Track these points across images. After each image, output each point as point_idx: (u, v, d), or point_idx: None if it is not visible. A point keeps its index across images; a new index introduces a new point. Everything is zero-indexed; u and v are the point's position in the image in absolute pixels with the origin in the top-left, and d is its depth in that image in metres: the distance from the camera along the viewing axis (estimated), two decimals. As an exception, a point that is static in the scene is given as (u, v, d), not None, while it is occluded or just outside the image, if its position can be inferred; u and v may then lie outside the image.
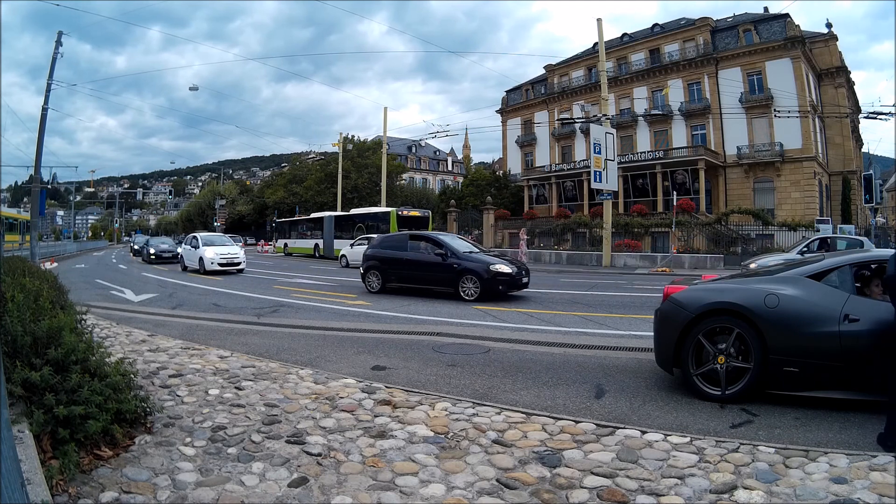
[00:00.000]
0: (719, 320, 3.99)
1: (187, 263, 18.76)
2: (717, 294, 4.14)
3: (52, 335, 2.88)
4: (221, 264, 17.25)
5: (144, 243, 29.35)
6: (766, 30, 33.33)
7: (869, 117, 24.19)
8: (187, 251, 19.07)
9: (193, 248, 18.45)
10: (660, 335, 4.42)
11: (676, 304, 4.24)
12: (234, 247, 19.02)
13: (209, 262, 17.04)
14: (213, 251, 17.41)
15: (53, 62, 18.80)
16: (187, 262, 18.78)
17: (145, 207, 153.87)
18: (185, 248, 19.40)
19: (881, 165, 43.00)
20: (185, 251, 19.43)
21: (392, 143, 42.21)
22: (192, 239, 19.69)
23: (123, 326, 7.03)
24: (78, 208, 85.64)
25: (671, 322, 4.20)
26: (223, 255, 17.46)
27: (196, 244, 18.44)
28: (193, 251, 18.30)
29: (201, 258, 17.38)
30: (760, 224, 24.68)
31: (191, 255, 18.51)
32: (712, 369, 3.98)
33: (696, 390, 4.04)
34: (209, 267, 17.00)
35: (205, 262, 17.08)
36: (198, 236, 19.30)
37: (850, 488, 2.47)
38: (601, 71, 23.90)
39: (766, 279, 4.18)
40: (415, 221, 25.87)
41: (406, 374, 4.87)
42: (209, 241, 18.86)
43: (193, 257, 18.16)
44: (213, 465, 2.73)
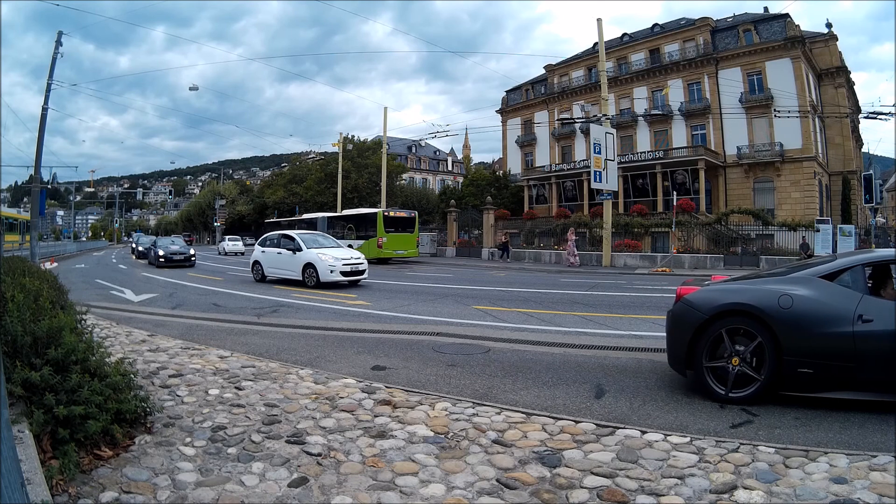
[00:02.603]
0: (733, 321, 3.95)
1: (272, 271, 14.05)
2: (731, 295, 4.10)
3: (52, 335, 2.88)
4: (346, 273, 12.59)
5: (151, 244, 25.60)
6: (766, 30, 33.32)
7: (869, 117, 24.21)
8: (273, 256, 14.12)
9: (290, 251, 13.49)
10: (673, 336, 4.37)
11: (689, 305, 4.19)
12: (345, 248, 14.45)
13: (327, 270, 12.39)
14: (330, 256, 12.76)
15: (53, 62, 18.82)
16: (273, 270, 14.02)
17: (145, 207, 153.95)
18: (269, 252, 14.31)
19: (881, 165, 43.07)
20: (267, 257, 14.32)
21: (392, 143, 42.23)
22: (280, 239, 14.44)
23: (123, 326, 7.03)
24: (78, 208, 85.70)
25: (684, 323, 4.16)
26: (346, 261, 12.79)
27: (294, 245, 13.46)
28: (290, 256, 13.41)
29: (310, 266, 12.71)
30: (760, 224, 24.66)
31: (282, 261, 13.71)
32: (723, 369, 3.95)
33: (709, 391, 3.99)
34: (327, 278, 12.36)
35: (319, 272, 12.45)
36: (294, 235, 14.07)
37: (850, 488, 2.47)
38: (601, 71, 23.92)
39: (779, 280, 4.14)
40: (401, 221, 26.20)
41: (406, 374, 4.87)
42: (314, 240, 13.94)
43: (290, 265, 13.38)
44: (213, 465, 2.73)
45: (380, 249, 24.63)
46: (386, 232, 25.04)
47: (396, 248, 25.34)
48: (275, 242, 14.47)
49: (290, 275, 13.34)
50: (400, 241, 25.68)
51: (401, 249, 25.59)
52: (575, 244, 23.65)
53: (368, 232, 25.85)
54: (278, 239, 14.51)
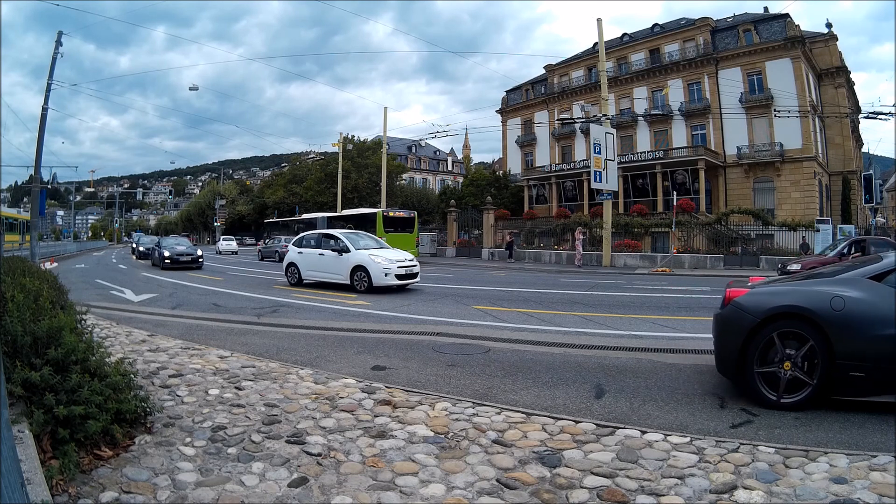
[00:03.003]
0: (785, 324, 3.84)
1: (312, 274, 12.86)
2: (783, 297, 3.99)
3: (52, 335, 2.88)
4: (401, 276, 11.52)
5: (155, 244, 23.76)
6: (766, 30, 33.33)
7: (869, 117, 24.21)
8: (312, 258, 12.82)
9: (336, 252, 12.24)
10: (722, 341, 4.21)
11: (740, 308, 4.04)
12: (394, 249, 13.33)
13: (381, 273, 11.25)
14: (383, 257, 11.65)
15: (53, 62, 18.83)
16: (313, 273, 12.81)
17: (145, 207, 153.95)
18: (308, 254, 13.03)
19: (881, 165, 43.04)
20: (305, 258, 13.05)
21: (392, 143, 42.24)
22: (321, 238, 13.25)
23: (123, 326, 7.03)
24: (78, 208, 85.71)
25: (735, 327, 4.01)
26: (401, 263, 11.69)
27: (340, 246, 12.25)
28: (335, 258, 12.16)
29: (361, 268, 11.54)
30: (760, 224, 24.68)
31: (325, 263, 12.42)
32: (774, 374, 3.82)
33: (760, 397, 3.86)
34: (381, 282, 11.24)
35: (372, 275, 11.28)
36: (339, 235, 12.84)
37: (850, 488, 2.47)
38: (601, 71, 23.93)
39: (828, 281, 4.05)
40: (401, 221, 26.30)
41: (406, 374, 4.87)
42: (361, 240, 12.78)
43: (335, 267, 12.11)
44: (213, 465, 2.73)
45: None
46: (385, 232, 25.09)
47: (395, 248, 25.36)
48: (314, 242, 13.24)
49: (334, 278, 12.17)
50: (399, 241, 25.67)
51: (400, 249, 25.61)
52: (582, 244, 23.69)
53: (368, 232, 25.88)
54: (318, 238, 13.35)
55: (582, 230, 24.76)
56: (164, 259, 19.62)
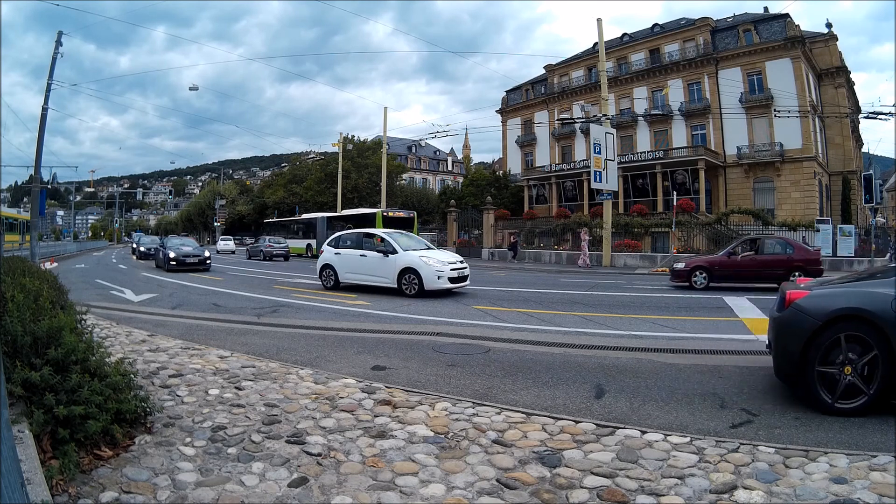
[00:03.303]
0: (847, 327, 3.71)
1: (351, 277, 12.05)
2: (844, 299, 3.85)
3: (52, 335, 2.88)
4: (454, 279, 10.94)
5: (159, 244, 22.47)
6: (766, 30, 33.34)
7: (869, 117, 24.23)
8: (353, 259, 12.00)
9: (380, 253, 11.51)
10: (782, 344, 4.05)
11: (801, 310, 3.88)
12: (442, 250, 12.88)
13: (433, 276, 10.63)
14: (435, 259, 11.04)
15: (53, 62, 18.83)
16: (352, 276, 12.02)
17: (145, 207, 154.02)
18: (347, 255, 12.23)
19: (881, 165, 43.05)
20: (343, 259, 12.23)
21: (392, 143, 42.27)
22: (362, 238, 12.50)
23: (123, 326, 7.03)
24: (78, 208, 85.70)
25: (796, 330, 3.86)
26: (453, 266, 11.09)
27: (385, 247, 11.51)
28: (380, 259, 11.43)
29: (410, 271, 10.84)
30: (760, 224, 24.69)
31: (368, 265, 11.67)
32: (832, 377, 3.70)
33: (817, 401, 3.74)
34: (433, 285, 10.64)
35: (424, 278, 10.64)
36: (383, 235, 12.02)
37: (850, 488, 2.47)
38: (601, 71, 23.93)
39: (886, 283, 3.89)
40: (400, 221, 26.36)
41: (406, 374, 4.87)
42: (407, 241, 12.07)
43: (380, 269, 11.43)
44: (213, 465, 2.73)
45: None
46: None
47: None
48: (354, 242, 12.49)
49: (378, 281, 11.47)
50: None
51: None
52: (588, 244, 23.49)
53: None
54: (358, 238, 12.59)
55: (587, 230, 24.54)
56: (170, 260, 18.63)
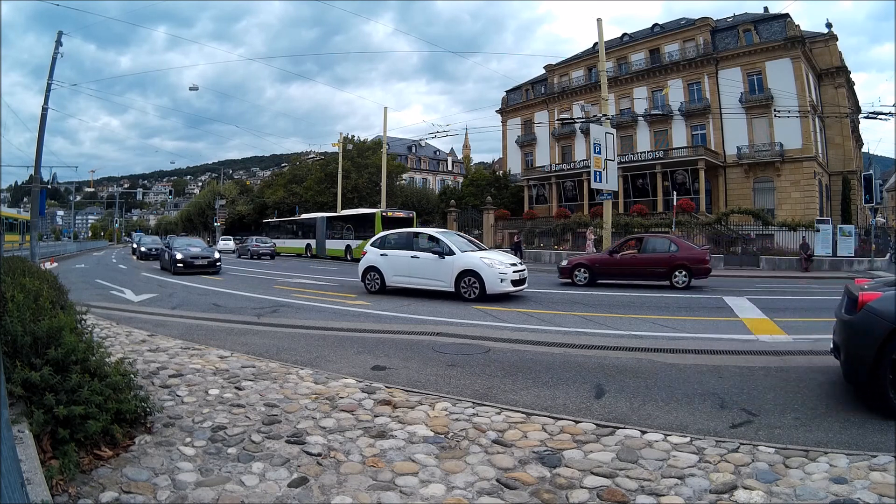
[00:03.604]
0: None
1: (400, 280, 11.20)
2: None
3: (52, 335, 2.88)
4: (516, 282, 10.40)
5: (165, 245, 20.98)
6: (766, 30, 33.35)
7: (869, 117, 24.24)
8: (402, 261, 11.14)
9: (435, 254, 10.71)
10: (852, 349, 3.92)
11: (874, 313, 3.74)
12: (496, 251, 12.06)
13: (496, 279, 10.01)
14: (496, 261, 10.40)
15: (53, 62, 18.80)
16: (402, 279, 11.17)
17: (145, 207, 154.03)
18: (394, 256, 11.34)
19: (881, 165, 43.04)
20: (391, 261, 11.31)
21: (392, 143, 42.23)
22: (411, 238, 11.79)
23: (123, 326, 7.03)
24: (78, 208, 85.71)
25: (868, 334, 3.73)
26: (515, 268, 10.57)
27: (441, 248, 10.73)
28: (435, 261, 10.65)
29: (470, 273, 10.15)
30: (760, 224, 24.70)
31: (421, 267, 10.89)
32: None
33: (889, 406, 3.60)
34: (496, 289, 10.02)
35: (486, 281, 9.98)
36: (437, 235, 11.26)
37: (850, 488, 2.47)
38: (601, 71, 23.87)
39: None
40: (399, 222, 26.43)
41: (406, 374, 4.87)
42: (460, 241, 11.33)
43: (435, 272, 10.67)
44: (213, 465, 2.73)
45: None
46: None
47: None
48: (404, 243, 11.63)
49: (433, 285, 10.69)
50: None
51: None
52: (594, 244, 23.36)
53: (367, 232, 26.01)
54: (408, 239, 11.79)
55: (593, 230, 24.24)
56: (177, 262, 17.31)
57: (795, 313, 8.69)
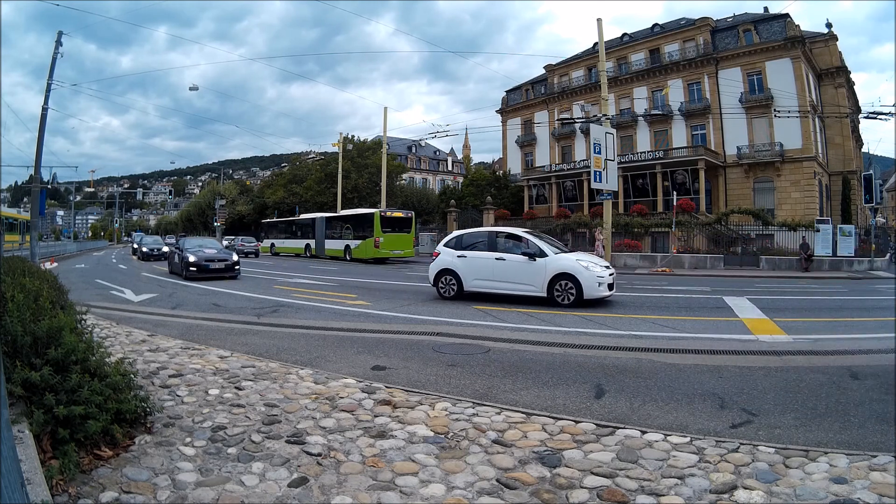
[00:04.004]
0: None
1: (482, 284, 10.18)
2: None
3: (52, 335, 2.88)
4: (611, 286, 9.82)
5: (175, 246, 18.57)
6: (766, 30, 33.34)
7: (869, 117, 24.24)
8: (485, 263, 10.14)
9: (525, 256, 9.82)
10: None
11: None
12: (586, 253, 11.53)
13: (594, 282, 9.35)
14: (591, 263, 9.76)
15: (53, 62, 18.80)
16: (484, 283, 10.16)
17: (145, 207, 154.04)
18: (475, 258, 10.30)
19: (881, 165, 43.06)
20: (471, 264, 10.30)
21: (392, 143, 42.23)
22: (494, 239, 10.61)
23: (123, 326, 7.03)
24: (78, 208, 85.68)
25: None
26: (609, 271, 10.03)
27: (530, 249, 9.90)
28: (524, 264, 9.76)
29: (566, 277, 9.40)
30: (760, 224, 24.70)
31: (507, 270, 9.92)
32: None
33: None
34: (594, 293, 9.34)
35: (584, 285, 9.25)
36: (523, 235, 10.42)
37: (850, 488, 2.47)
38: (601, 71, 23.87)
39: None
40: (398, 222, 26.40)
41: (406, 374, 4.87)
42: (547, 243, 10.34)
43: (523, 276, 9.75)
44: (213, 465, 2.73)
45: (377, 249, 24.84)
46: (383, 232, 25.15)
47: (393, 249, 25.49)
48: (486, 243, 10.49)
49: (520, 289, 9.79)
50: (396, 241, 25.79)
51: (397, 249, 25.72)
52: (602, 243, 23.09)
53: (366, 232, 26.02)
54: (491, 239, 10.61)
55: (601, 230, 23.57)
56: (189, 266, 15.15)
57: (795, 313, 8.69)
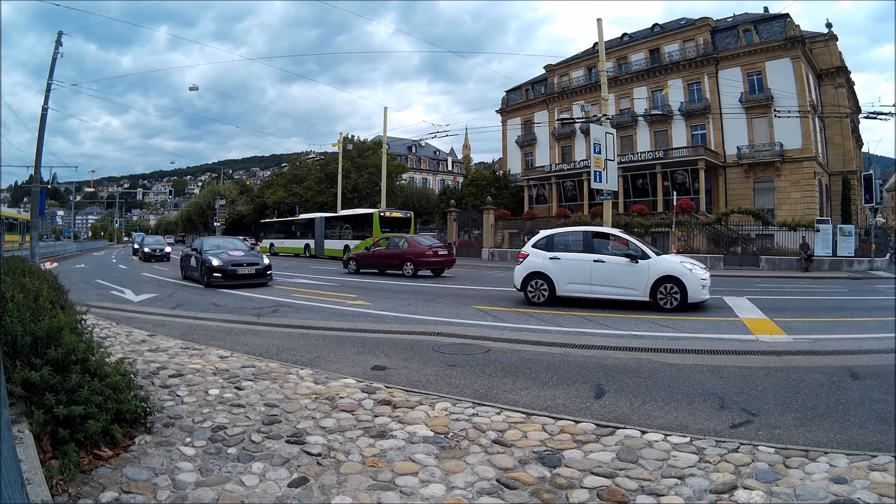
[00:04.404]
0: None
1: (577, 288, 9.44)
2: None
3: (52, 335, 2.88)
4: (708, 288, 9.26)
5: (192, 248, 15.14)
6: (766, 30, 33.34)
7: (869, 117, 24.24)
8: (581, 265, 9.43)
9: (625, 258, 9.20)
10: None
11: None
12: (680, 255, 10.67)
13: (698, 285, 8.91)
14: (695, 264, 9.31)
15: (53, 62, 18.79)
16: (580, 287, 9.42)
17: (145, 207, 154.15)
18: (570, 260, 9.58)
19: (881, 165, 43.08)
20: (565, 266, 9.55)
21: (392, 143, 42.22)
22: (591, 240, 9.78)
23: (123, 326, 7.03)
24: (78, 208, 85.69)
25: None
26: (707, 271, 9.49)
27: (630, 250, 9.34)
28: (625, 266, 9.16)
29: (670, 280, 8.91)
30: (760, 224, 24.71)
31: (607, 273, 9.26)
32: None
33: None
34: (697, 296, 8.93)
35: (689, 289, 8.81)
36: (622, 236, 9.90)
37: (850, 488, 2.47)
38: (601, 71, 23.84)
39: None
40: (396, 222, 26.47)
41: (406, 374, 4.87)
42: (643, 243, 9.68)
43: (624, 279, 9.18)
44: (213, 465, 2.73)
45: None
46: (382, 232, 25.18)
47: None
48: (582, 245, 9.74)
49: (621, 294, 9.20)
50: None
51: None
52: None
53: (365, 232, 26.05)
54: (587, 239, 9.80)
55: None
56: (213, 272, 12.81)
57: (795, 313, 8.69)
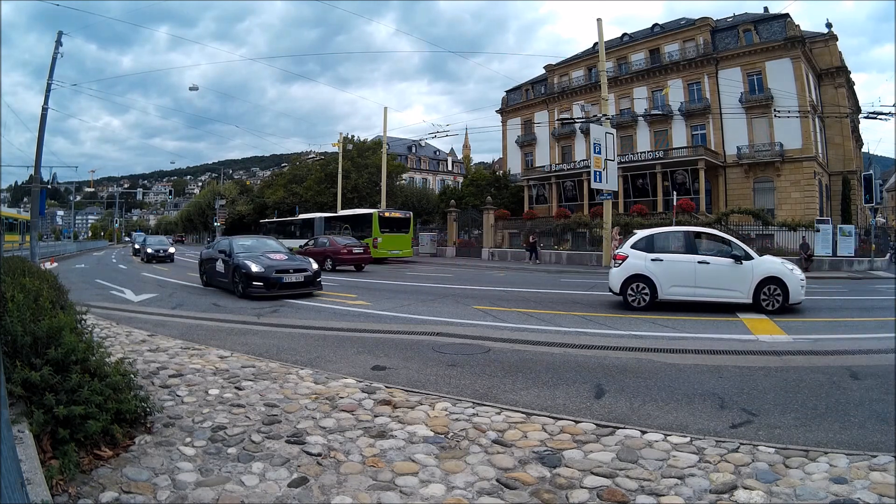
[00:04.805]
0: None
1: (682, 291, 8.96)
2: None
3: (52, 335, 2.88)
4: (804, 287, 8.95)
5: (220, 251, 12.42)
6: (766, 30, 33.34)
7: (869, 117, 24.24)
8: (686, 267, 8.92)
9: (730, 259, 8.79)
10: None
11: None
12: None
13: (798, 285, 8.65)
14: (781, 263, 9.02)
15: (53, 62, 18.81)
16: (685, 290, 8.93)
17: (145, 207, 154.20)
18: (673, 262, 9.06)
19: (881, 165, 43.10)
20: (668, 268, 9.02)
21: (392, 143, 42.24)
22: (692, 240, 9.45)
23: (123, 326, 7.03)
24: (78, 208, 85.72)
25: None
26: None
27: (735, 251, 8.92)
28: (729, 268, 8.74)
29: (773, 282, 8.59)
30: (760, 224, 24.69)
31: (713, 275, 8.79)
32: None
33: None
34: (798, 297, 8.66)
35: (791, 290, 8.53)
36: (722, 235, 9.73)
37: (850, 488, 2.47)
38: (601, 71, 23.90)
39: None
40: (396, 222, 26.47)
41: (406, 374, 4.87)
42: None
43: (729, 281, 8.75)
44: (213, 465, 2.73)
45: (375, 249, 24.87)
46: (381, 232, 25.20)
47: (391, 249, 25.54)
48: (682, 245, 9.34)
49: (723, 296, 8.81)
50: (395, 241, 25.85)
51: (396, 250, 25.78)
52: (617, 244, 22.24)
53: (364, 232, 26.04)
54: (688, 240, 9.42)
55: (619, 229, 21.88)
56: (252, 280, 10.53)
57: (795, 313, 8.68)
